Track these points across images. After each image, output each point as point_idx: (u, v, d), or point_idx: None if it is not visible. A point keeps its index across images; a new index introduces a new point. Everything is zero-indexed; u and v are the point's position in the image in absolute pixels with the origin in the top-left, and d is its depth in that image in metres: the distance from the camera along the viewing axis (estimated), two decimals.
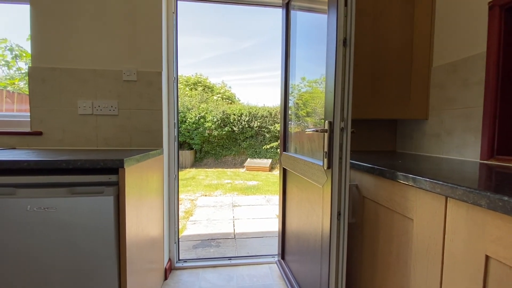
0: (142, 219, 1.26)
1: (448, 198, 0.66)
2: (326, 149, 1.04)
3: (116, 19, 1.57)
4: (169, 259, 1.82)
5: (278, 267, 1.80)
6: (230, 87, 13.71)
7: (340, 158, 1.00)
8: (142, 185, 1.26)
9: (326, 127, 1.03)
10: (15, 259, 1.01)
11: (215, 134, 8.56)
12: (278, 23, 1.78)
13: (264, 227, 2.83)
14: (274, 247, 2.25)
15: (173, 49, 1.73)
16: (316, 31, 1.28)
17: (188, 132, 8.57)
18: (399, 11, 1.44)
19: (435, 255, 0.70)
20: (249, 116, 8.77)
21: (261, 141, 8.89)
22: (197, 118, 8.58)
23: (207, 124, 8.52)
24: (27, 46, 1.55)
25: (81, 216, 1.02)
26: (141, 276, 1.26)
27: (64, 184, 1.02)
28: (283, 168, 1.76)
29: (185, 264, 1.89)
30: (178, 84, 1.86)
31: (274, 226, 2.87)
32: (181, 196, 4.48)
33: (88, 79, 1.57)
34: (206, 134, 8.56)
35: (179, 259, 1.93)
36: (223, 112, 8.75)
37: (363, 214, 1.07)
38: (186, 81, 11.87)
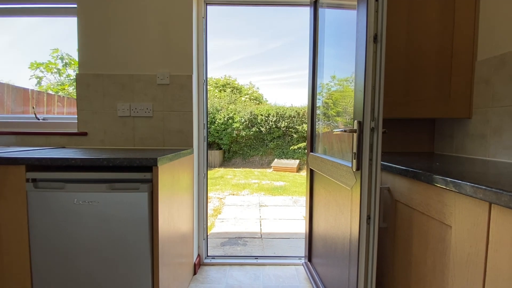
0: (173, 215, 1.33)
1: (492, 204, 0.60)
2: (355, 150, 1.00)
3: (151, 27, 1.68)
4: (198, 255, 1.89)
5: (305, 269, 1.77)
6: (257, 88, 13.81)
7: (370, 160, 0.96)
8: (173, 183, 1.33)
9: (355, 127, 1.00)
10: (64, 245, 1.12)
11: (243, 134, 8.68)
12: (306, 23, 1.76)
13: (291, 228, 2.81)
14: (301, 248, 2.22)
15: (202, 52, 1.80)
16: (347, 27, 1.24)
17: (217, 132, 8.79)
18: (438, 0, 1.34)
19: (476, 266, 0.65)
20: (276, 116, 8.75)
21: (288, 141, 8.82)
22: (225, 119, 8.78)
23: (235, 125, 8.67)
24: (76, 55, 1.72)
25: (120, 210, 1.11)
26: (172, 269, 1.33)
27: (105, 180, 1.11)
28: (310, 169, 1.73)
29: (213, 261, 1.94)
30: (208, 86, 1.93)
31: (301, 227, 2.83)
32: (210, 194, 4.62)
33: (126, 83, 1.69)
34: (234, 135, 8.72)
35: (207, 255, 1.99)
36: (251, 112, 8.84)
37: (396, 219, 1.02)
38: (216, 83, 12.21)
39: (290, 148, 8.67)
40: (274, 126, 8.71)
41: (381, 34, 0.91)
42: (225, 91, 11.69)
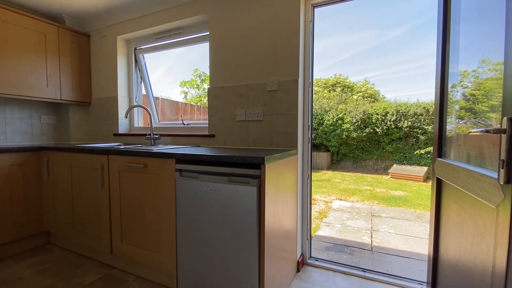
0: (278, 210, 1.44)
1: None
2: (503, 157, 0.77)
3: (261, 39, 1.87)
4: (302, 254, 1.94)
5: None
6: (373, 84, 12.42)
7: None
8: (278, 181, 1.43)
9: (505, 125, 0.76)
10: (197, 219, 1.44)
11: (354, 136, 8.06)
12: (432, 2, 1.46)
13: (410, 246, 2.39)
14: (422, 272, 1.86)
15: (309, 56, 1.83)
16: None
17: (325, 134, 8.58)
18: None
19: None
20: (396, 115, 7.60)
21: (412, 144, 7.47)
22: (334, 119, 8.43)
23: (345, 126, 8.18)
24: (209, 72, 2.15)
25: (235, 200, 1.31)
26: (277, 261, 1.43)
27: (225, 174, 1.35)
28: (437, 178, 1.43)
29: (316, 263, 1.94)
30: (317, 87, 1.95)
31: (425, 248, 2.35)
32: (315, 196, 4.58)
33: (243, 92, 1.96)
34: (344, 136, 8.24)
35: (311, 256, 2.01)
36: (364, 112, 8.08)
37: None
38: (325, 84, 11.93)
39: (415, 152, 7.32)
40: (393, 127, 7.60)
41: None
42: (334, 91, 11.23)
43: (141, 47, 2.66)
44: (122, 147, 2.04)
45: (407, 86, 18.05)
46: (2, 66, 2.12)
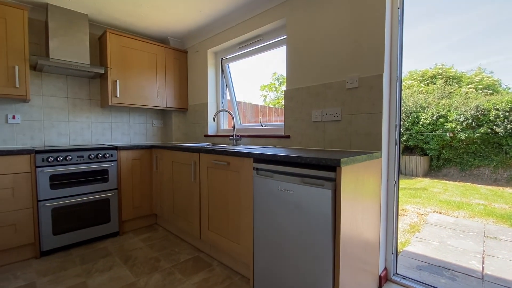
0: (356, 217, 1.34)
1: None
2: None
3: (340, 35, 1.78)
4: (385, 268, 1.74)
5: None
6: (491, 72, 9.87)
7: None
8: (357, 185, 1.34)
9: None
10: (271, 215, 1.50)
11: (462, 137, 6.60)
12: None
13: None
14: None
15: (397, 48, 1.63)
16: None
17: (421, 135, 7.35)
18: None
19: None
20: None
21: None
22: (434, 118, 7.13)
23: (449, 125, 6.80)
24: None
25: (308, 201, 1.30)
26: (354, 272, 1.34)
27: (298, 175, 1.36)
28: None
29: (404, 281, 1.70)
30: (410, 81, 1.72)
31: None
32: (407, 207, 4.00)
33: (319, 92, 1.92)
34: (448, 137, 6.85)
35: (396, 273, 1.78)
36: (477, 107, 6.51)
37: None
38: (421, 76, 10.22)
39: None
40: None
41: None
42: (434, 84, 9.48)
43: (227, 57, 2.95)
44: (210, 146, 2.33)
45: None
46: (130, 84, 2.76)
